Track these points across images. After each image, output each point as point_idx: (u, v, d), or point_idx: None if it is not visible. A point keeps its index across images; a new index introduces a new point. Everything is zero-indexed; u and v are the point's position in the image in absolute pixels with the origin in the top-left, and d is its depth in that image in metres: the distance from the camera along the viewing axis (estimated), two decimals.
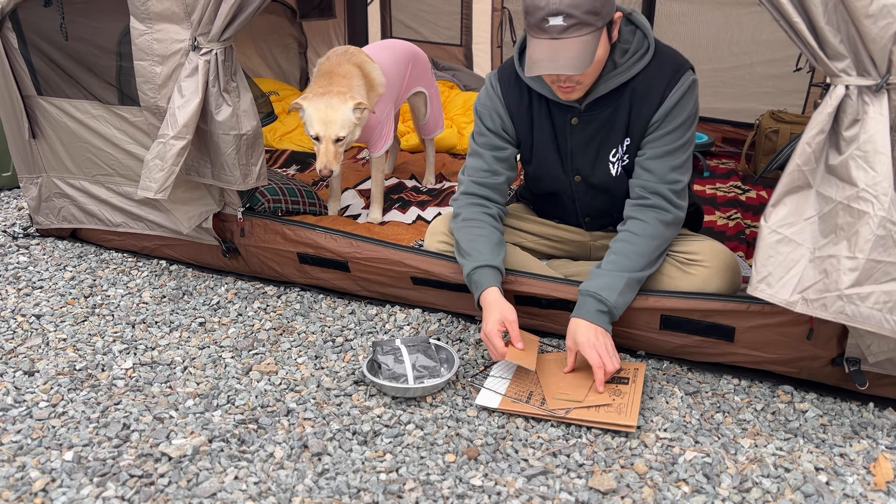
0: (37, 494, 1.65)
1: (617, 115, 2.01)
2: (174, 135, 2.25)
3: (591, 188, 2.17)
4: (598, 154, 2.08)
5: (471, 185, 2.15)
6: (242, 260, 2.61)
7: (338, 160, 2.54)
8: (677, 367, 2.12)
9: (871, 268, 1.60)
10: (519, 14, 4.31)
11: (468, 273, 2.05)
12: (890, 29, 1.51)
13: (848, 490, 1.66)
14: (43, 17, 2.49)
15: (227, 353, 2.18)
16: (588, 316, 1.93)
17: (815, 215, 1.68)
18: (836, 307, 1.65)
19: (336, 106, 2.52)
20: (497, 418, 1.90)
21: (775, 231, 1.70)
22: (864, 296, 1.62)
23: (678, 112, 1.96)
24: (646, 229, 1.99)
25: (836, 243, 1.64)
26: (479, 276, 2.03)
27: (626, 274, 1.96)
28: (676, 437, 1.82)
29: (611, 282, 1.95)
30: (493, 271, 2.03)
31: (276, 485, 1.67)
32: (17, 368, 2.10)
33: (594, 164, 2.10)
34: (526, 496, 1.64)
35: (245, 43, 4.19)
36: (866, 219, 1.58)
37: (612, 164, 2.09)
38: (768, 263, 1.71)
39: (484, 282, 2.02)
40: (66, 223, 2.83)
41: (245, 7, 2.17)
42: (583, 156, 2.10)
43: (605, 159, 2.08)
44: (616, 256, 1.99)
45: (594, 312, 1.93)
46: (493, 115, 2.11)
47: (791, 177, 1.67)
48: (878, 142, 1.56)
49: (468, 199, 2.15)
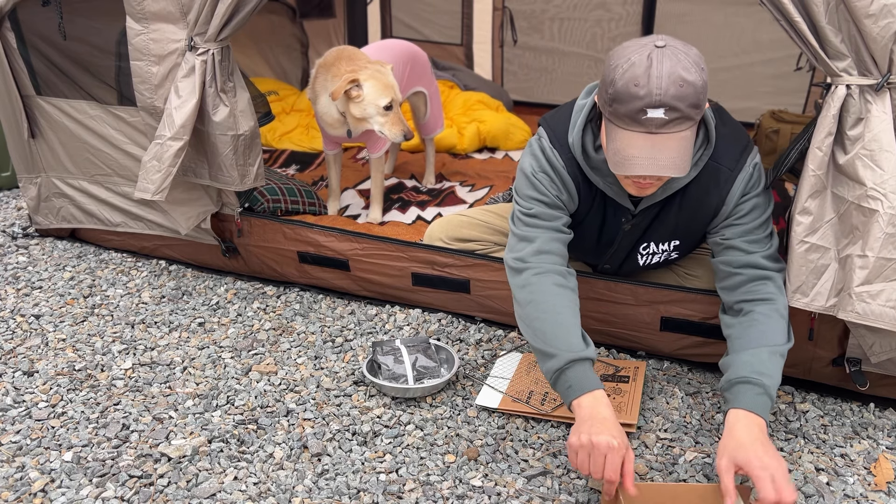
0: (36, 495, 1.64)
1: (664, 218, 1.83)
2: (171, 136, 2.25)
3: (616, 271, 2.08)
4: (632, 249, 1.95)
5: (544, 242, 1.78)
6: (242, 260, 2.61)
7: None
8: (677, 367, 2.12)
9: (881, 265, 1.60)
10: (519, 13, 4.30)
11: (561, 366, 1.62)
12: (890, 28, 1.51)
13: (848, 490, 1.66)
14: (41, 17, 2.49)
15: (226, 354, 2.18)
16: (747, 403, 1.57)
17: (835, 216, 1.68)
18: (847, 305, 1.65)
19: (385, 71, 2.54)
20: (497, 418, 1.89)
21: (803, 241, 1.69)
22: (874, 293, 1.62)
23: (745, 202, 1.74)
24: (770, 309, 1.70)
25: (853, 243, 1.64)
26: (575, 375, 1.62)
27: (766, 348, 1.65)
28: (677, 438, 1.82)
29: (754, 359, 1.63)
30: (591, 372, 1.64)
31: (275, 485, 1.67)
32: (16, 369, 2.10)
33: (626, 257, 1.98)
34: (526, 496, 1.64)
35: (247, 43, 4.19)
36: (876, 217, 1.58)
37: (642, 256, 1.96)
38: (801, 273, 1.70)
39: (587, 383, 1.61)
40: (65, 223, 2.83)
41: (242, 7, 2.16)
42: (620, 251, 1.97)
43: (636, 252, 1.95)
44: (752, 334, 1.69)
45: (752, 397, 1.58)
46: (562, 193, 1.81)
47: (809, 182, 1.66)
48: (883, 140, 1.57)
49: (543, 260, 1.76)
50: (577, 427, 1.55)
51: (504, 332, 2.29)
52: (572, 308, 1.70)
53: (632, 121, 1.50)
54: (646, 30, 4.00)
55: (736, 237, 1.75)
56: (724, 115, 1.78)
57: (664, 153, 1.50)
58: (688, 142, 1.52)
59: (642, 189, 1.66)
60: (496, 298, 2.26)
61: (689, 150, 1.53)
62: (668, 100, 1.46)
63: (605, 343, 2.20)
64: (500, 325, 2.32)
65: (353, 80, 2.47)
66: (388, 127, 2.53)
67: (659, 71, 1.46)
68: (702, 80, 1.49)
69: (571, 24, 4.18)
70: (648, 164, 1.51)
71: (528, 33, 4.33)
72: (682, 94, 1.46)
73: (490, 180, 3.29)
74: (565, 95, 4.34)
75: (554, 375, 1.64)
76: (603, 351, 2.18)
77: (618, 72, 1.49)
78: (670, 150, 1.50)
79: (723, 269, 1.77)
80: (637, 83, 1.46)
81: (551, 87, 4.39)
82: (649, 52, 1.48)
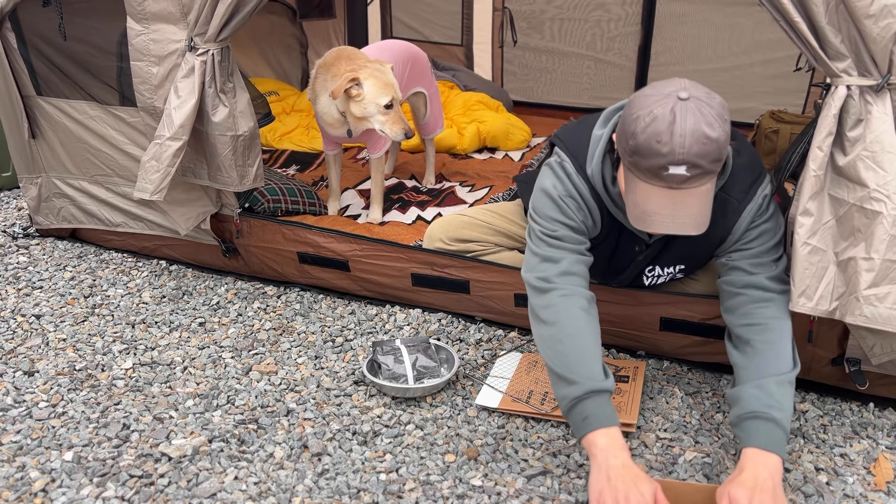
0: (36, 495, 1.64)
1: (671, 246, 1.85)
2: (170, 136, 2.25)
3: (621, 289, 2.10)
4: (639, 273, 1.98)
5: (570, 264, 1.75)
6: (242, 260, 2.61)
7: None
8: (677, 367, 2.12)
9: (887, 268, 1.58)
10: (519, 14, 4.30)
11: (580, 395, 1.59)
12: (890, 29, 1.50)
13: (848, 490, 1.66)
14: (42, 18, 2.49)
15: (226, 354, 2.18)
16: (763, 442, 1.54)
17: (832, 218, 1.67)
18: (856, 309, 1.63)
19: (385, 70, 2.55)
20: (497, 418, 1.89)
21: (806, 243, 1.67)
22: (881, 296, 1.60)
23: (753, 229, 1.73)
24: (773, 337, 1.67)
25: (855, 245, 1.63)
26: (594, 406, 1.59)
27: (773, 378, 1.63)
28: (676, 438, 1.82)
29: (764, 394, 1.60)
30: (610, 408, 1.60)
31: (276, 485, 1.67)
32: (16, 368, 2.10)
33: (633, 279, 2.02)
34: (526, 496, 1.64)
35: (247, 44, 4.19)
36: (880, 219, 1.57)
37: (647, 278, 1.98)
38: (805, 276, 1.67)
39: (604, 418, 1.58)
40: (65, 223, 2.83)
41: (242, 7, 2.16)
42: (627, 274, 1.99)
43: (643, 274, 1.98)
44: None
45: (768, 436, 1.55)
46: (587, 219, 1.79)
47: (810, 183, 1.65)
48: (884, 141, 1.56)
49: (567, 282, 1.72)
50: (597, 475, 1.52)
51: (504, 332, 2.29)
52: (596, 337, 1.67)
53: (653, 175, 1.47)
54: (646, 30, 4.00)
55: (741, 259, 1.74)
56: (742, 144, 1.75)
57: (684, 210, 1.49)
58: (709, 195, 1.50)
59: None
60: (496, 299, 2.26)
61: (709, 203, 1.51)
62: (691, 158, 1.43)
63: (605, 343, 2.20)
64: (499, 325, 2.32)
65: (354, 78, 2.47)
66: (389, 126, 2.53)
67: (682, 129, 1.42)
68: (725, 133, 1.46)
69: (571, 24, 4.19)
70: (669, 221, 1.49)
71: (528, 34, 4.33)
72: (706, 152, 1.43)
73: (490, 180, 3.29)
74: (565, 96, 4.35)
75: (570, 403, 1.60)
76: (603, 351, 2.18)
77: (640, 124, 1.46)
78: (691, 206, 1.49)
79: (726, 289, 1.75)
80: (660, 139, 1.43)
81: (551, 87, 4.39)
82: (672, 104, 1.44)
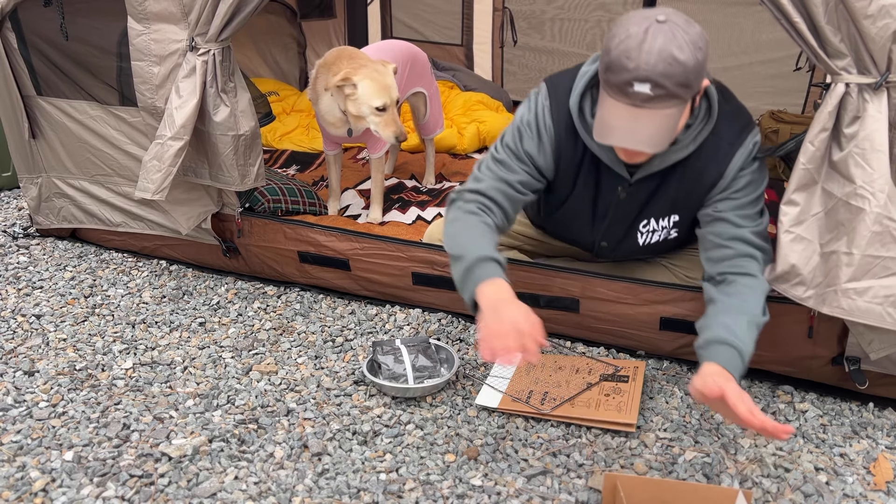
0: (37, 494, 1.65)
1: (664, 191, 1.84)
2: (171, 135, 2.25)
3: (613, 250, 2.05)
4: (631, 225, 1.93)
5: (487, 186, 1.83)
6: (243, 260, 2.61)
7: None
8: (677, 367, 2.12)
9: (868, 263, 1.63)
10: (519, 14, 4.30)
11: (469, 264, 1.68)
12: (889, 29, 1.52)
13: (848, 490, 1.66)
14: (43, 18, 2.49)
15: (227, 353, 2.18)
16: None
17: (822, 211, 1.70)
18: (833, 301, 1.68)
19: (384, 72, 2.53)
20: (497, 418, 1.90)
21: (788, 230, 1.72)
22: (861, 290, 1.65)
23: (742, 176, 1.76)
24: (753, 282, 1.73)
25: (838, 239, 1.67)
26: (482, 269, 1.67)
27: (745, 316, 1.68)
28: (676, 437, 1.82)
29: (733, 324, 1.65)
30: (497, 268, 1.69)
31: (276, 485, 1.67)
32: (17, 368, 2.10)
33: (625, 235, 1.96)
34: (526, 496, 1.64)
35: (245, 43, 4.19)
36: (863, 215, 1.61)
37: (641, 234, 1.95)
38: (785, 261, 1.73)
39: (492, 272, 1.66)
40: (66, 223, 2.83)
41: (243, 7, 2.16)
42: (617, 225, 1.94)
43: (636, 229, 1.94)
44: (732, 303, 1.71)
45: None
46: (538, 153, 1.83)
47: (798, 174, 1.69)
48: (875, 139, 1.58)
49: (476, 199, 1.82)
50: (486, 312, 1.59)
51: None
52: (491, 235, 1.75)
53: (619, 92, 1.51)
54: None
55: (728, 210, 1.77)
56: (728, 94, 1.80)
57: (644, 128, 1.53)
58: (671, 120, 1.53)
59: (631, 157, 1.70)
60: None
61: (671, 128, 1.54)
62: (655, 76, 1.47)
63: (604, 343, 2.20)
64: None
65: (345, 78, 2.49)
66: (382, 127, 2.54)
67: (651, 47, 1.47)
68: (695, 59, 1.49)
69: (571, 24, 4.19)
70: (626, 136, 1.54)
71: (528, 34, 4.33)
72: (670, 72, 1.47)
73: None
74: None
75: (462, 274, 1.68)
76: (603, 351, 2.18)
77: (614, 42, 1.52)
78: (651, 126, 1.52)
79: (711, 239, 1.79)
80: (629, 55, 1.48)
81: None
82: (648, 25, 1.49)
